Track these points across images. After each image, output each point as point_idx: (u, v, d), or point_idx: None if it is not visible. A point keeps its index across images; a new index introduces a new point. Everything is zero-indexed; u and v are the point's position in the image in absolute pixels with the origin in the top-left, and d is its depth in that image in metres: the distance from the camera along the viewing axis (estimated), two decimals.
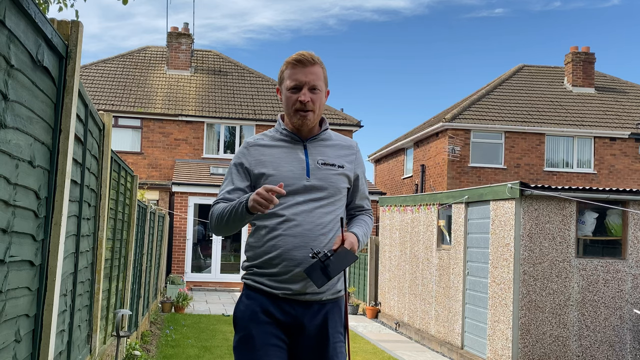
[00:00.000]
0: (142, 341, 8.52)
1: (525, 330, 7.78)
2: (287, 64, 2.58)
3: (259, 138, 2.67)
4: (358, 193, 2.76)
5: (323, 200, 2.55)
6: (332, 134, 2.72)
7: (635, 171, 20.60)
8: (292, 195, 2.51)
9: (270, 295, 2.52)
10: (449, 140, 19.85)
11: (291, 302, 2.51)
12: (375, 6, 78.53)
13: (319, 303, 2.55)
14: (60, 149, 2.53)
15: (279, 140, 2.63)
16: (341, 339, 2.61)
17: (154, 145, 20.00)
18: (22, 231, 2.11)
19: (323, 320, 2.55)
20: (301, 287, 2.49)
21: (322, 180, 2.57)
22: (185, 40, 22.58)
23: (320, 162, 2.59)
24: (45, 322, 2.46)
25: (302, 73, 2.53)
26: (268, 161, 2.57)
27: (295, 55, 2.57)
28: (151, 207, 9.49)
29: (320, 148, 2.64)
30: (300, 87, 2.53)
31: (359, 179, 2.74)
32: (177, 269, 17.46)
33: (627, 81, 24.16)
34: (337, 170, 2.61)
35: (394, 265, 12.52)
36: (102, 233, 4.30)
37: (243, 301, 2.58)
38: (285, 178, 2.52)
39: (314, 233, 2.50)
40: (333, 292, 2.58)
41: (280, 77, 2.62)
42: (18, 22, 1.88)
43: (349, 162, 2.67)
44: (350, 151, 2.71)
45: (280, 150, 2.60)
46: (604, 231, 8.22)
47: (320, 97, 2.57)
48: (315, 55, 2.57)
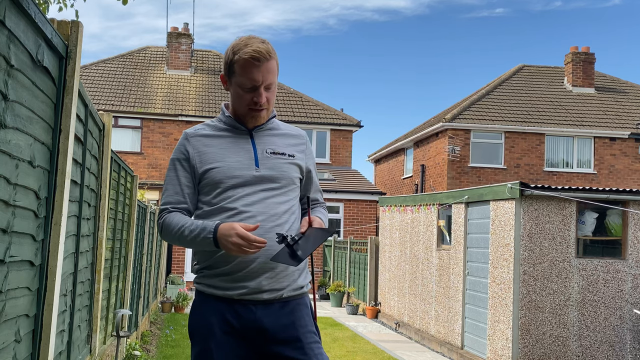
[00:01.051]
0: (142, 341, 8.52)
1: (525, 330, 7.78)
2: (240, 57, 2.30)
3: (200, 128, 2.46)
4: (312, 185, 2.57)
5: (275, 191, 2.36)
6: (280, 124, 2.53)
7: (635, 171, 20.60)
8: (241, 187, 2.31)
9: (224, 300, 2.30)
10: (449, 140, 19.85)
11: (248, 303, 2.29)
12: (375, 6, 78.53)
13: (280, 301, 2.32)
14: (60, 149, 2.53)
15: (223, 130, 2.43)
16: (316, 339, 2.36)
17: (154, 145, 20.00)
18: (22, 231, 2.11)
19: (290, 321, 2.32)
20: (258, 284, 2.27)
21: (273, 170, 2.37)
22: (185, 40, 22.58)
23: (269, 151, 2.40)
24: (45, 322, 2.46)
25: (259, 72, 2.30)
26: (211, 152, 2.37)
27: (250, 50, 2.29)
28: (151, 207, 9.49)
29: (268, 137, 2.44)
30: (257, 87, 2.32)
31: (311, 171, 2.55)
32: (177, 269, 17.45)
33: (627, 81, 24.16)
34: (288, 160, 2.42)
35: (394, 265, 12.51)
36: (102, 233, 4.30)
37: (196, 310, 2.36)
38: (232, 169, 2.33)
39: (268, 224, 2.28)
40: (294, 287, 2.35)
41: (230, 67, 2.36)
42: (18, 22, 1.88)
43: (300, 152, 2.48)
44: (300, 140, 2.52)
45: (224, 140, 2.40)
46: (604, 231, 8.22)
47: (273, 92, 2.39)
48: (270, 46, 2.35)
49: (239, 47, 2.33)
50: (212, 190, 2.34)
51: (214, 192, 2.34)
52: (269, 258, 2.26)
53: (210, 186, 2.35)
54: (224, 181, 2.32)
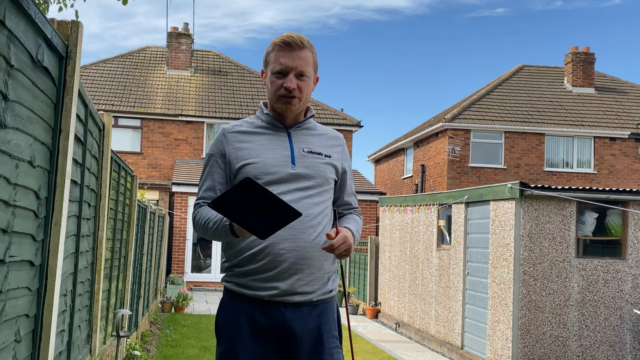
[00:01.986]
0: (142, 341, 8.52)
1: (525, 330, 7.78)
2: (273, 45, 2.35)
3: (238, 124, 2.44)
4: (345, 188, 2.54)
5: (311, 190, 2.34)
6: (318, 124, 2.53)
7: (635, 171, 20.61)
8: (276, 184, 2.29)
9: (254, 300, 2.29)
10: (449, 140, 19.85)
11: (278, 305, 2.28)
12: (376, 5, 78.57)
13: (309, 305, 2.32)
14: (60, 149, 2.53)
15: (260, 127, 2.42)
16: (337, 344, 2.37)
17: (154, 145, 20.00)
18: (22, 231, 2.11)
19: (316, 325, 2.32)
20: (290, 286, 2.26)
21: (309, 169, 2.35)
22: (185, 40, 22.58)
23: (305, 150, 2.39)
24: (45, 322, 2.46)
25: (290, 57, 2.31)
26: (248, 148, 2.36)
27: (283, 36, 2.35)
28: (151, 207, 9.49)
29: (306, 136, 2.43)
30: (287, 73, 2.31)
31: (346, 173, 2.53)
32: (177, 269, 17.46)
33: (627, 81, 24.17)
34: (324, 159, 2.41)
35: (394, 265, 12.51)
36: (102, 233, 4.30)
37: (225, 308, 2.36)
38: (268, 165, 2.31)
39: (302, 225, 2.26)
40: (324, 291, 2.36)
41: (266, 59, 2.40)
42: (18, 22, 1.88)
43: (336, 153, 2.48)
44: (337, 142, 2.52)
45: (262, 137, 2.39)
46: (604, 231, 8.22)
47: (307, 84, 2.36)
48: (305, 38, 2.36)
49: (275, 39, 2.37)
50: None
51: None
52: (300, 258, 2.26)
53: None
54: (259, 177, 2.30)
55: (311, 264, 2.30)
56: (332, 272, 2.40)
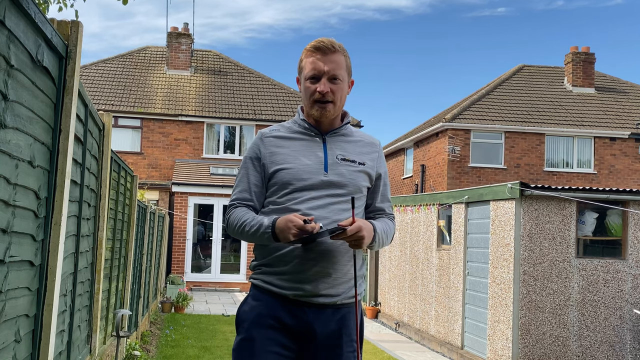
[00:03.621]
0: (142, 341, 8.52)
1: (525, 331, 7.78)
2: (305, 52, 2.40)
3: (275, 129, 2.47)
4: (379, 194, 2.53)
5: (341, 197, 2.36)
6: (354, 130, 2.53)
7: (635, 171, 20.61)
8: (307, 190, 2.34)
9: (279, 297, 2.33)
10: (449, 140, 19.85)
11: (302, 305, 2.31)
12: (377, 5, 78.60)
13: (333, 307, 2.34)
14: (60, 149, 2.53)
15: (297, 132, 2.44)
16: (354, 348, 2.38)
17: (154, 145, 20.00)
18: (22, 231, 2.11)
19: (337, 327, 2.34)
20: (314, 288, 2.30)
21: (341, 177, 2.38)
22: (185, 40, 22.58)
23: (339, 157, 2.41)
24: (45, 322, 2.46)
25: (321, 61, 2.34)
26: (283, 153, 2.39)
27: (314, 42, 2.38)
28: (151, 207, 9.49)
29: (341, 143, 2.44)
30: (319, 77, 2.34)
31: (381, 179, 2.52)
32: (177, 269, 17.46)
33: (627, 81, 24.17)
34: (358, 167, 2.42)
35: (394, 266, 12.51)
36: (102, 233, 4.30)
37: (249, 302, 2.40)
38: (301, 172, 2.35)
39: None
40: (349, 295, 2.38)
41: (300, 66, 2.43)
42: (18, 22, 1.88)
43: (371, 160, 2.47)
44: (373, 149, 2.51)
45: (297, 142, 2.41)
46: (604, 231, 8.22)
47: (341, 88, 2.37)
48: (336, 42, 2.39)
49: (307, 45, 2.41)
50: (279, 191, 2.37)
51: (281, 192, 2.37)
52: (327, 262, 2.30)
53: (277, 186, 2.38)
54: (292, 182, 2.35)
55: (338, 269, 2.33)
56: (359, 277, 2.41)
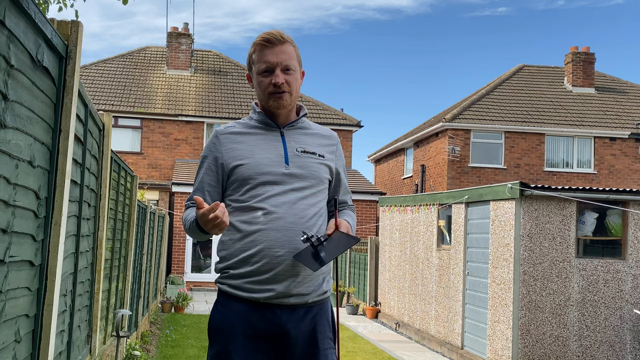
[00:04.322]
0: (142, 341, 8.52)
1: (525, 331, 7.78)
2: (255, 45, 2.35)
3: (230, 126, 2.43)
4: (341, 187, 2.53)
5: (305, 191, 2.32)
6: (311, 123, 2.51)
7: (635, 171, 20.61)
8: (270, 185, 2.28)
9: (249, 303, 2.26)
10: (449, 140, 19.85)
11: (274, 307, 2.26)
12: (377, 5, 78.60)
13: (305, 306, 2.30)
14: (60, 149, 2.53)
15: (253, 127, 2.40)
16: (331, 345, 2.36)
17: (154, 145, 20.00)
18: (22, 231, 2.11)
19: (311, 327, 2.30)
20: (286, 288, 2.24)
21: (303, 169, 2.34)
22: (185, 40, 22.58)
23: (299, 149, 2.37)
24: (45, 322, 2.46)
25: (273, 53, 2.30)
26: (241, 149, 2.34)
27: (262, 35, 2.34)
28: (151, 207, 9.49)
29: (299, 136, 2.41)
30: (273, 69, 2.30)
31: (340, 172, 2.52)
32: (177, 269, 17.46)
33: (627, 81, 24.17)
34: (318, 159, 2.39)
35: (394, 265, 12.51)
36: (102, 233, 4.30)
37: (218, 310, 2.33)
38: (261, 165, 2.30)
39: (297, 226, 2.25)
40: (319, 293, 2.34)
41: (249, 61, 2.39)
42: (18, 22, 1.88)
43: (330, 153, 2.46)
44: (331, 141, 2.49)
45: (254, 137, 2.37)
46: (604, 231, 8.22)
47: (295, 78, 2.34)
48: (284, 33, 2.35)
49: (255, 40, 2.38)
50: (240, 187, 2.32)
51: (243, 189, 2.32)
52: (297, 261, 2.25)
53: (238, 182, 2.33)
54: (253, 177, 2.30)
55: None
56: (326, 273, 2.39)
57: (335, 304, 2.55)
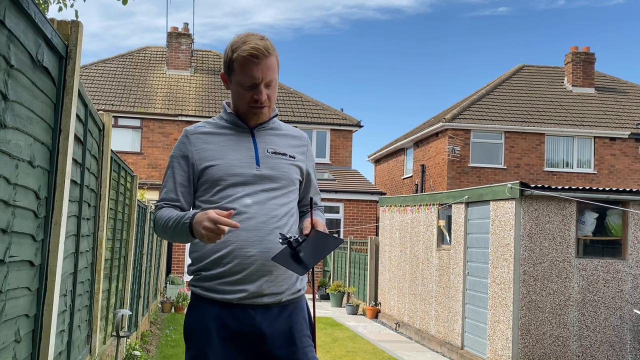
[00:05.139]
0: (142, 341, 8.52)
1: (525, 331, 7.77)
2: (239, 57, 2.26)
3: (201, 125, 2.40)
4: (311, 187, 2.54)
5: (276, 191, 2.32)
6: (282, 124, 2.50)
7: (635, 171, 20.60)
8: (241, 185, 2.28)
9: (223, 304, 2.25)
10: (449, 140, 19.85)
11: (247, 308, 2.25)
12: (378, 5, 78.61)
13: (279, 305, 2.29)
14: (60, 149, 2.52)
15: (224, 127, 2.38)
16: (310, 343, 2.34)
17: (154, 146, 20.00)
18: (22, 231, 2.11)
19: (287, 326, 2.30)
20: (258, 288, 2.23)
21: (274, 170, 2.34)
22: (185, 41, 22.58)
23: (270, 150, 2.37)
24: (45, 322, 2.46)
25: (259, 69, 2.25)
26: (211, 149, 2.32)
27: (248, 47, 2.25)
28: (151, 207, 9.49)
29: (270, 137, 2.41)
30: (257, 85, 2.28)
31: (311, 173, 2.53)
32: (177, 269, 17.45)
33: (627, 81, 24.17)
34: (289, 160, 2.39)
35: (394, 265, 12.51)
36: (102, 233, 4.29)
37: (193, 313, 2.31)
38: (232, 167, 2.29)
39: (268, 226, 2.25)
40: (293, 291, 2.33)
41: (230, 65, 2.31)
42: (18, 22, 1.88)
43: (301, 154, 2.46)
44: (301, 142, 2.49)
45: (225, 137, 2.36)
46: (604, 231, 8.22)
47: (274, 89, 2.34)
48: (269, 43, 2.31)
49: (237, 45, 2.29)
50: (211, 188, 2.30)
51: (213, 190, 2.30)
52: (267, 260, 2.23)
53: (209, 183, 2.31)
54: (223, 178, 2.28)
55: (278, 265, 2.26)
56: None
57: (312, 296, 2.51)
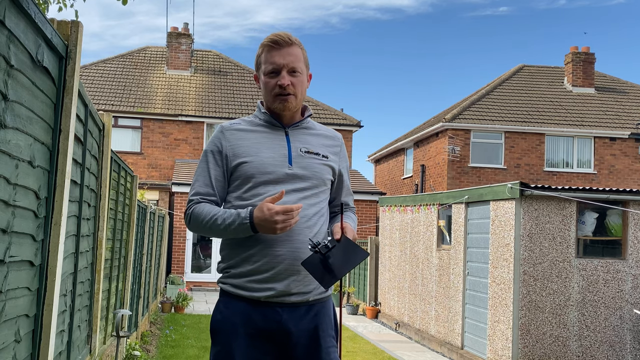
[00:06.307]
0: (142, 341, 8.52)
1: (525, 331, 7.77)
2: (262, 47, 2.36)
3: (236, 122, 2.43)
4: (343, 189, 2.55)
5: (307, 191, 2.33)
6: (316, 124, 2.52)
7: (635, 171, 20.60)
8: (272, 184, 2.29)
9: (250, 301, 2.27)
10: (449, 140, 19.85)
11: (275, 306, 2.26)
12: (378, 4, 78.60)
13: (306, 304, 2.30)
14: (60, 149, 2.52)
15: (258, 125, 2.40)
16: (334, 343, 2.35)
17: (154, 146, 20.00)
18: (22, 231, 2.11)
19: (313, 325, 2.30)
20: (286, 287, 2.25)
21: (306, 169, 2.34)
22: (185, 40, 22.58)
23: (303, 150, 2.37)
24: (45, 322, 2.46)
25: (280, 55, 2.31)
26: (245, 146, 2.34)
27: (270, 36, 2.35)
28: (151, 207, 9.49)
29: (303, 136, 2.42)
30: (279, 71, 2.31)
31: (343, 174, 2.53)
32: (177, 269, 17.46)
33: (627, 81, 24.17)
34: (322, 160, 2.40)
35: (394, 265, 12.51)
36: (102, 233, 4.29)
37: (221, 309, 2.33)
38: (265, 164, 2.30)
39: (298, 226, 2.26)
40: (321, 291, 2.34)
41: (257, 62, 2.40)
42: (18, 22, 1.88)
43: (334, 154, 2.46)
44: (335, 142, 2.50)
45: (259, 135, 2.37)
46: (604, 231, 8.22)
47: (301, 80, 2.35)
48: (292, 35, 2.36)
49: (263, 41, 2.38)
50: (243, 185, 2.32)
51: (245, 187, 2.32)
52: (296, 259, 2.25)
53: (241, 180, 2.33)
54: (255, 176, 2.30)
55: None
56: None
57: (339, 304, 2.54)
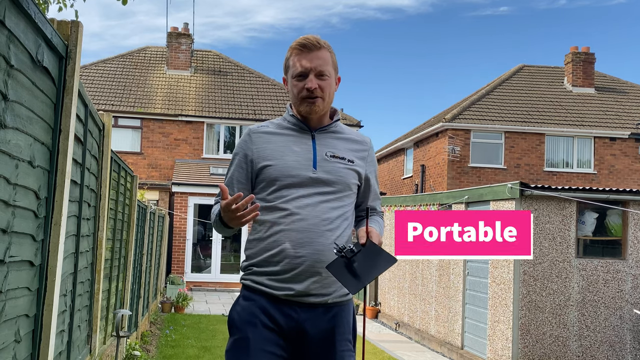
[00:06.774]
0: (142, 341, 8.52)
1: (525, 331, 7.77)
2: (291, 50, 2.39)
3: (264, 125, 2.45)
4: (370, 193, 2.54)
5: (330, 195, 2.34)
6: (345, 127, 2.51)
7: (635, 171, 20.60)
8: (295, 187, 2.31)
9: (270, 297, 2.30)
10: (449, 140, 19.85)
11: (293, 304, 2.29)
12: (379, 4, 78.61)
13: (324, 306, 2.32)
14: (60, 149, 2.52)
15: (286, 128, 2.42)
16: (349, 348, 2.34)
17: (154, 146, 20.00)
18: (22, 231, 2.11)
19: (330, 326, 2.31)
20: (306, 288, 2.27)
21: (330, 174, 2.35)
22: (185, 40, 22.58)
23: (328, 154, 2.38)
24: (45, 322, 2.46)
25: (308, 58, 2.33)
26: (271, 149, 2.37)
27: (299, 39, 2.37)
28: (151, 207, 9.49)
29: (330, 140, 2.42)
30: (307, 74, 2.33)
31: (371, 179, 2.53)
32: (177, 269, 17.45)
33: (627, 81, 24.16)
34: (347, 165, 2.40)
35: (394, 265, 12.51)
36: (102, 233, 4.29)
37: (240, 303, 2.37)
38: (289, 168, 2.33)
39: (319, 228, 2.28)
40: (340, 294, 2.35)
41: (285, 65, 2.42)
42: (18, 22, 1.88)
43: (360, 159, 2.46)
44: (363, 147, 2.50)
45: (286, 138, 2.39)
46: (604, 231, 8.22)
47: (329, 84, 2.36)
48: (321, 39, 2.38)
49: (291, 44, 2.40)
50: (267, 187, 2.36)
51: (270, 189, 2.35)
52: (316, 261, 2.27)
53: (266, 182, 2.36)
54: (280, 179, 2.33)
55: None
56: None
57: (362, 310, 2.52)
